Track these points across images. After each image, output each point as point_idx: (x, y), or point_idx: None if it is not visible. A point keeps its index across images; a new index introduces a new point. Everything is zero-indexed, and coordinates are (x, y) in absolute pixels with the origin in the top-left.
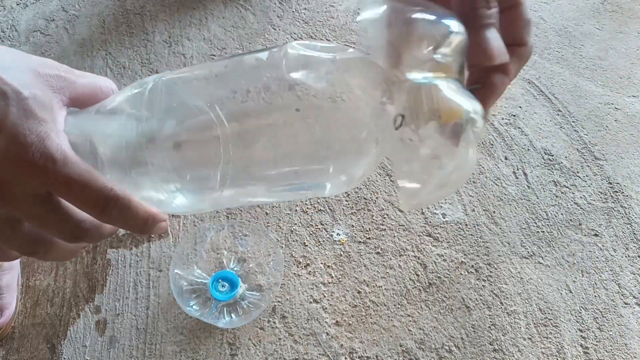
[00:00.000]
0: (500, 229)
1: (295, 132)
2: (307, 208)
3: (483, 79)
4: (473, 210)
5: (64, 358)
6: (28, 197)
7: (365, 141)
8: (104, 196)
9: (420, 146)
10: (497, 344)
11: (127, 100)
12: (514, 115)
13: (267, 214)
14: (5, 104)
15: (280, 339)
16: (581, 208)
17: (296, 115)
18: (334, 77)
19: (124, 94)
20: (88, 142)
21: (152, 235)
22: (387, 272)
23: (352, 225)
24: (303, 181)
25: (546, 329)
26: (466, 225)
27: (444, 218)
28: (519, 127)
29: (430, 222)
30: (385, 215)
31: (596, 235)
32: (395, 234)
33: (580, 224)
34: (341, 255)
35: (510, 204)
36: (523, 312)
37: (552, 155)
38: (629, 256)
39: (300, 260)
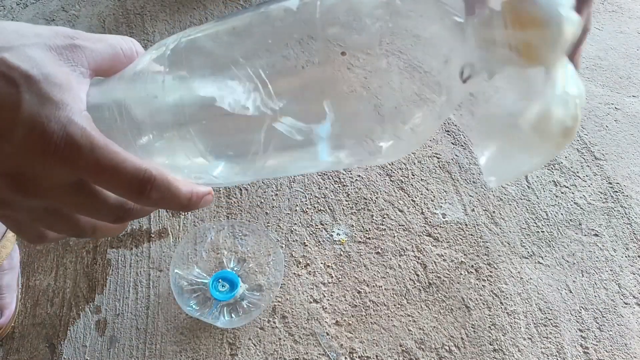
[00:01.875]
0: (500, 229)
1: (342, 89)
2: (307, 208)
3: None
4: (473, 210)
5: (64, 358)
6: (60, 188)
7: (424, 99)
8: (139, 179)
9: (495, 98)
10: (497, 344)
11: (153, 63)
12: None
13: (267, 214)
14: (16, 91)
15: (280, 338)
16: (581, 208)
17: (339, 68)
18: (383, 26)
19: (148, 55)
20: (116, 116)
21: (152, 235)
22: (387, 272)
23: (352, 225)
24: (354, 141)
25: (546, 329)
26: (466, 225)
27: (444, 218)
28: None
29: (430, 222)
30: (385, 215)
31: (596, 235)
32: (395, 234)
33: (580, 224)
34: (341, 255)
35: (510, 204)
36: (523, 312)
37: None
38: (629, 256)
39: (300, 260)
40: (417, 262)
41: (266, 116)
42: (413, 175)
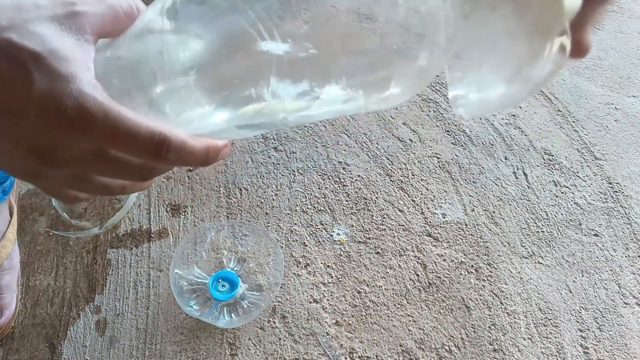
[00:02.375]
0: (500, 229)
1: (349, 26)
2: (307, 208)
3: None
4: (473, 210)
5: (64, 358)
6: (82, 157)
7: (427, 41)
8: (154, 142)
9: (490, 20)
10: (497, 344)
11: (153, 20)
12: (514, 115)
13: (267, 214)
14: (25, 71)
15: (280, 339)
16: (581, 208)
17: (346, 8)
18: None
19: (149, 12)
20: (123, 79)
21: (152, 235)
22: (387, 272)
23: (352, 225)
24: (362, 78)
25: (546, 329)
26: (466, 225)
27: (444, 218)
28: (519, 127)
29: (430, 222)
30: (385, 215)
31: (596, 235)
32: (395, 234)
33: (580, 224)
34: (341, 255)
35: (510, 204)
36: (523, 312)
37: (552, 155)
38: (629, 256)
39: (300, 260)
40: (417, 262)
41: (273, 57)
42: (413, 175)
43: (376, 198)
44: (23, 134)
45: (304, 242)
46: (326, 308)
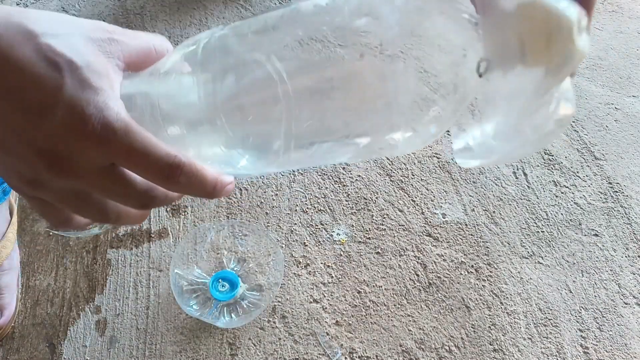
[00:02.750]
0: (500, 229)
1: (362, 85)
2: (307, 208)
3: None
4: (473, 210)
5: (64, 358)
6: (92, 170)
7: (442, 92)
8: (169, 164)
9: (506, 91)
10: (497, 344)
11: (182, 59)
12: None
13: (267, 214)
14: (59, 75)
15: (280, 338)
16: (581, 208)
17: (361, 65)
18: (404, 23)
19: (178, 52)
20: (147, 106)
21: (152, 235)
22: (387, 272)
23: (352, 225)
24: (373, 138)
25: (546, 329)
26: (466, 225)
27: (444, 218)
28: None
29: (430, 222)
30: (385, 215)
31: (596, 235)
32: (395, 234)
33: (580, 224)
34: (341, 255)
35: (510, 204)
36: (523, 312)
37: (552, 155)
38: (629, 256)
39: (300, 260)
40: (417, 262)
41: (286, 110)
42: (413, 175)
43: (376, 198)
44: (40, 135)
45: (304, 242)
46: (326, 308)
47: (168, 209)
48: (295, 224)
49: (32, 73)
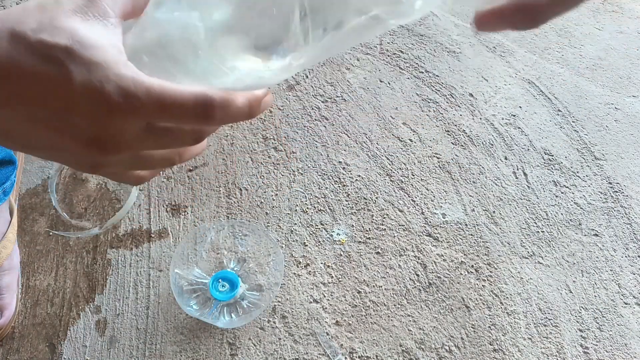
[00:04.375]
0: (500, 229)
1: None
2: (307, 208)
3: None
4: (473, 210)
5: (64, 358)
6: (136, 136)
7: None
8: (200, 105)
9: None
10: (497, 344)
11: None
12: (514, 115)
13: (267, 214)
14: (63, 68)
15: (280, 339)
16: (581, 208)
17: None
18: None
19: None
20: (154, 55)
21: (152, 235)
22: (387, 272)
23: (352, 225)
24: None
25: (546, 329)
26: (466, 225)
27: (444, 218)
28: (519, 127)
29: (430, 222)
30: (385, 215)
31: (596, 235)
32: (395, 234)
33: (580, 224)
34: (341, 255)
35: (510, 204)
36: (523, 312)
37: (552, 155)
38: (629, 256)
39: (300, 260)
40: (417, 262)
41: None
42: (413, 175)
43: (376, 198)
44: (77, 128)
45: (304, 242)
46: (326, 308)
47: (168, 209)
48: (295, 224)
49: (40, 77)
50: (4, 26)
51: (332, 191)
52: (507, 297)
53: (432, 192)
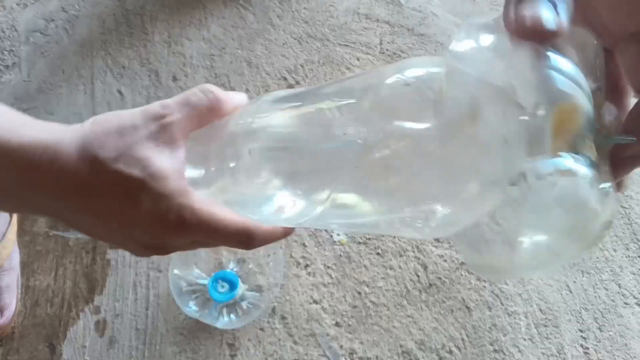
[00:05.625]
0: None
1: (402, 171)
2: None
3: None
4: None
5: (64, 358)
6: (184, 245)
7: (470, 191)
8: (242, 236)
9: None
10: (497, 344)
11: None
12: None
13: None
14: (134, 199)
15: (280, 339)
16: None
17: (404, 155)
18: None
19: (243, 143)
20: (212, 184)
21: None
22: (388, 273)
23: None
24: (405, 215)
25: (546, 329)
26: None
27: None
28: None
29: None
30: None
31: None
32: (396, 235)
33: None
34: (341, 256)
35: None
36: (523, 312)
37: None
38: (629, 256)
39: (300, 261)
40: (418, 262)
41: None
42: None
43: None
44: (139, 238)
45: (304, 243)
46: (326, 309)
47: None
48: None
49: (115, 199)
50: (89, 152)
51: None
52: (508, 298)
53: None
